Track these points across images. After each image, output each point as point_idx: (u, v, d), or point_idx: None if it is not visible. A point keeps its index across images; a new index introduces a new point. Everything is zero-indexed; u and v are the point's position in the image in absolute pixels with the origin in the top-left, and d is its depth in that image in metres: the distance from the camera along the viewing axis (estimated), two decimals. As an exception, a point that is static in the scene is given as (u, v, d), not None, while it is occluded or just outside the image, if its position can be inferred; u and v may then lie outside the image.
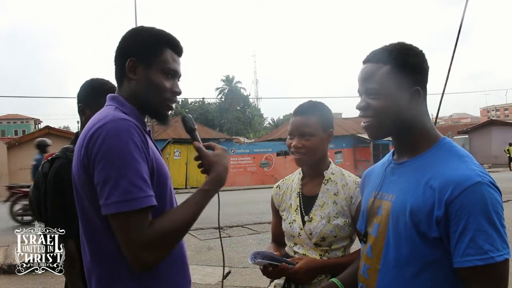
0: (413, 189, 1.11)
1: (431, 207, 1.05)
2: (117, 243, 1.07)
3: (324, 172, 1.72)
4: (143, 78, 1.21)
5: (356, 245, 1.68)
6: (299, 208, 1.71)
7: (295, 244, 1.69)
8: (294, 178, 1.82)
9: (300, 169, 1.82)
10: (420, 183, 1.10)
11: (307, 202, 1.71)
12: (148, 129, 1.27)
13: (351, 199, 1.66)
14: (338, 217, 1.63)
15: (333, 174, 1.72)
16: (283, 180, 1.88)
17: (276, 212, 1.84)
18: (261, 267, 1.56)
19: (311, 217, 1.66)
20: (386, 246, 1.16)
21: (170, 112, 1.29)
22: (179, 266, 1.25)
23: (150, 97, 1.22)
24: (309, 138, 1.65)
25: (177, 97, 1.28)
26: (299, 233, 1.66)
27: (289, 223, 1.70)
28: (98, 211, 1.07)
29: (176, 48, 1.26)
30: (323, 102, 1.76)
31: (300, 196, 1.73)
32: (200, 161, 1.27)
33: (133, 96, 1.22)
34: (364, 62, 1.22)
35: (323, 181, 1.70)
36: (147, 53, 1.21)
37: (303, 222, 1.67)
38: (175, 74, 1.26)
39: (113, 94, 1.26)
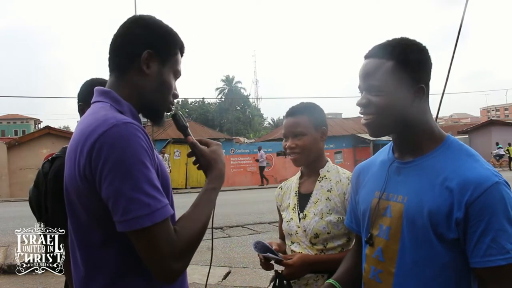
0: (428, 190, 1.08)
1: (450, 208, 1.03)
2: (119, 257, 1.01)
3: (320, 170, 1.74)
4: (157, 74, 1.11)
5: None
6: (296, 206, 1.74)
7: (293, 242, 1.71)
8: (294, 178, 1.86)
9: (300, 169, 1.85)
10: (435, 184, 1.07)
11: (303, 200, 1.74)
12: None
13: (345, 195, 1.67)
14: (331, 214, 1.65)
15: (329, 172, 1.74)
16: (286, 182, 1.92)
17: (280, 212, 1.88)
18: (262, 259, 1.62)
19: (305, 214, 1.69)
20: (401, 249, 1.13)
21: (167, 114, 1.22)
22: (183, 276, 1.15)
23: (156, 96, 1.13)
24: (301, 138, 1.69)
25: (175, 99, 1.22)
26: (296, 231, 1.69)
27: (287, 221, 1.74)
28: (100, 225, 1.01)
29: (182, 48, 1.20)
30: (314, 103, 1.80)
31: (297, 194, 1.76)
32: (194, 157, 1.21)
33: (137, 92, 1.11)
34: (366, 57, 1.17)
35: (318, 179, 1.72)
36: (166, 49, 1.13)
37: (299, 220, 1.69)
38: (179, 76, 1.20)
39: (104, 88, 1.12)
